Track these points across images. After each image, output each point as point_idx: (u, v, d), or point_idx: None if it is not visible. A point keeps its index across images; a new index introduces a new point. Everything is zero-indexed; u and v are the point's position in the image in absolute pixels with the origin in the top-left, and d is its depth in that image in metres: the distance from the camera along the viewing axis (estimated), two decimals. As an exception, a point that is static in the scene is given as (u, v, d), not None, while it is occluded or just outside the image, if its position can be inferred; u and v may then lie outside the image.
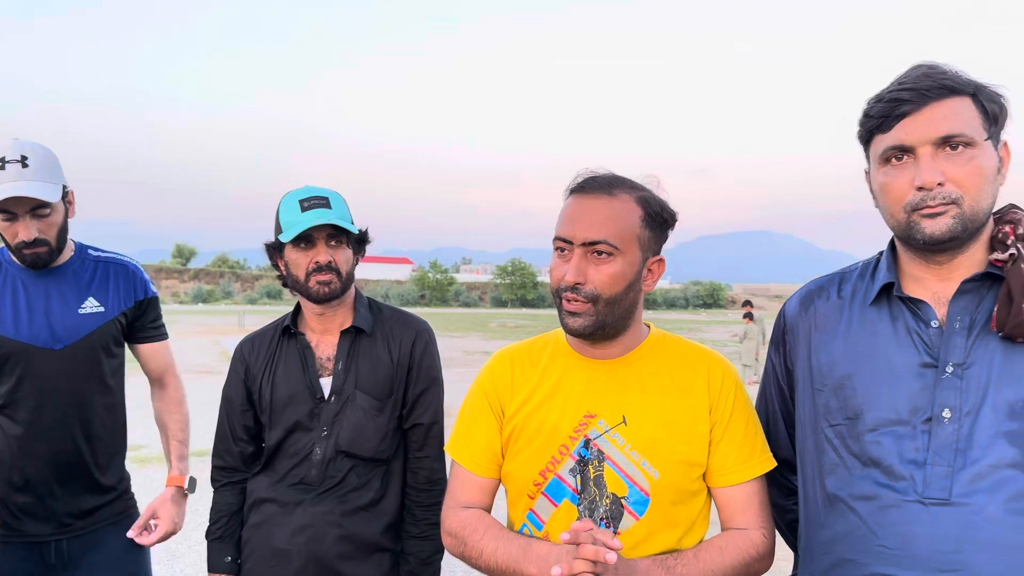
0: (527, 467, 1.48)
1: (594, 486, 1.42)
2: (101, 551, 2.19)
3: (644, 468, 1.41)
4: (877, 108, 1.30)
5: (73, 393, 2.14)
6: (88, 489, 2.18)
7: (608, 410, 1.44)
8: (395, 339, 2.01)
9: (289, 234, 1.87)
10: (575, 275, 1.38)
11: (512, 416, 1.51)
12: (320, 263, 1.88)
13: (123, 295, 2.27)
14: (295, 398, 1.95)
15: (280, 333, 2.03)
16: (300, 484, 1.93)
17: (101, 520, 2.21)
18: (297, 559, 1.90)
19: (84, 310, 2.17)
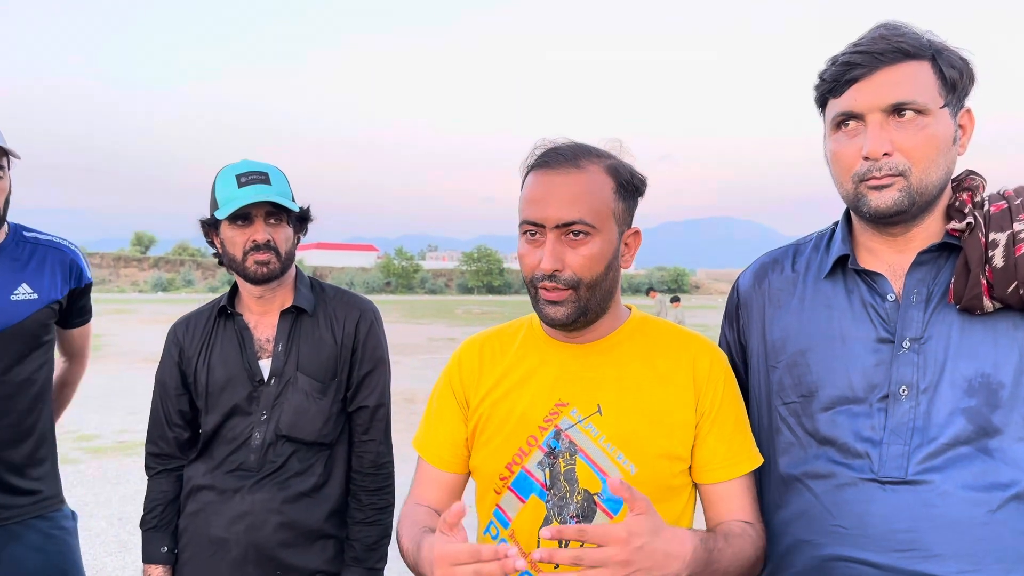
0: (492, 460, 1.35)
1: (564, 481, 1.30)
2: (23, 541, 2.06)
3: (619, 462, 1.28)
4: (830, 71, 1.25)
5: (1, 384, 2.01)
6: (13, 481, 2.04)
7: (582, 398, 1.31)
8: (338, 319, 1.94)
9: (225, 211, 1.77)
10: (552, 262, 1.24)
11: (478, 406, 1.39)
12: (257, 242, 1.80)
13: (59, 282, 2.13)
14: (232, 381, 1.86)
15: (216, 314, 1.94)
16: (238, 470, 1.85)
17: (24, 512, 2.07)
18: (236, 548, 1.82)
19: (16, 296, 2.04)
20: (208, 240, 1.92)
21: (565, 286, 1.25)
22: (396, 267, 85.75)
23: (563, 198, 1.24)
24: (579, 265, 1.25)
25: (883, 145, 1.19)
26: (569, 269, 1.25)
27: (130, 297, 50.67)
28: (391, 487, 1.97)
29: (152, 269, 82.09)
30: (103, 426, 8.56)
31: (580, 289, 1.26)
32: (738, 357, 1.47)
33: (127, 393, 10.65)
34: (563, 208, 1.24)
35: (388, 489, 1.95)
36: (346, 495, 1.93)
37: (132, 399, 10.05)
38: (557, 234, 1.25)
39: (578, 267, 1.25)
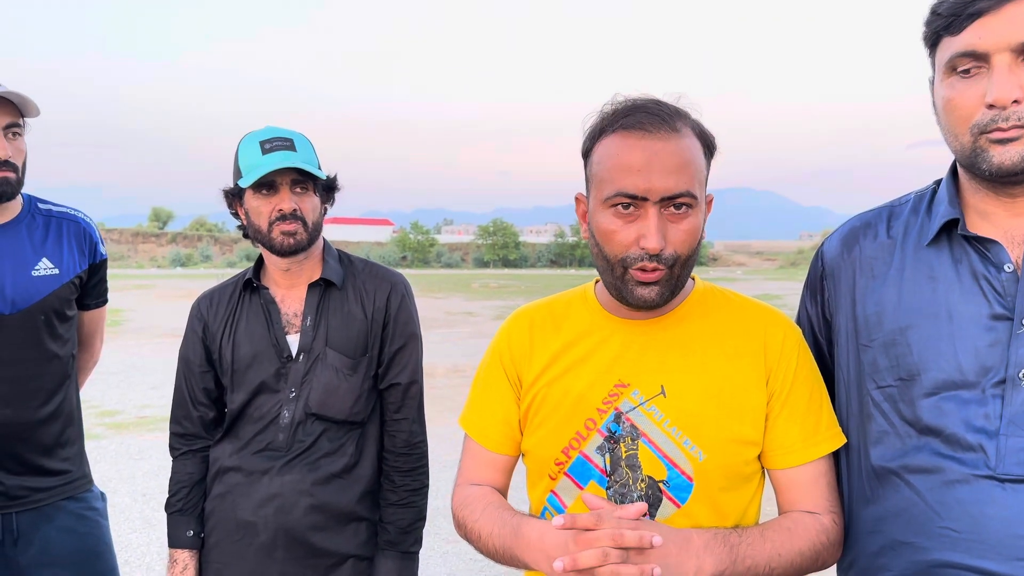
0: (547, 443, 1.26)
1: (626, 467, 1.21)
2: (55, 522, 2.04)
3: (686, 448, 1.19)
4: (948, 3, 1.07)
5: (25, 362, 1.96)
6: (42, 462, 2.02)
7: (644, 379, 1.21)
8: (368, 293, 1.86)
9: (249, 178, 1.69)
10: (658, 240, 1.12)
11: (531, 385, 1.29)
12: (284, 211, 1.72)
13: (77, 256, 2.08)
14: (259, 357, 1.79)
15: (241, 288, 1.86)
16: (266, 451, 1.79)
17: (55, 493, 2.05)
18: (264, 532, 1.76)
19: (38, 272, 1.99)
20: (232, 211, 1.84)
21: (664, 265, 1.14)
22: (412, 241, 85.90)
23: (667, 167, 1.12)
24: (680, 241, 1.15)
25: (1012, 91, 1.03)
26: (671, 246, 1.14)
27: (149, 273, 51.18)
28: (425, 467, 1.89)
29: (170, 245, 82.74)
30: (124, 401, 8.61)
31: (676, 267, 1.16)
32: (821, 333, 1.33)
33: (147, 368, 10.71)
34: (669, 179, 1.12)
35: (422, 469, 1.88)
36: (378, 476, 1.86)
37: (153, 374, 10.12)
38: (660, 207, 1.13)
39: (680, 243, 1.15)
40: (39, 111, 1.92)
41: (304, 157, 1.74)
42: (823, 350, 1.34)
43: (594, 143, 1.20)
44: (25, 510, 2.00)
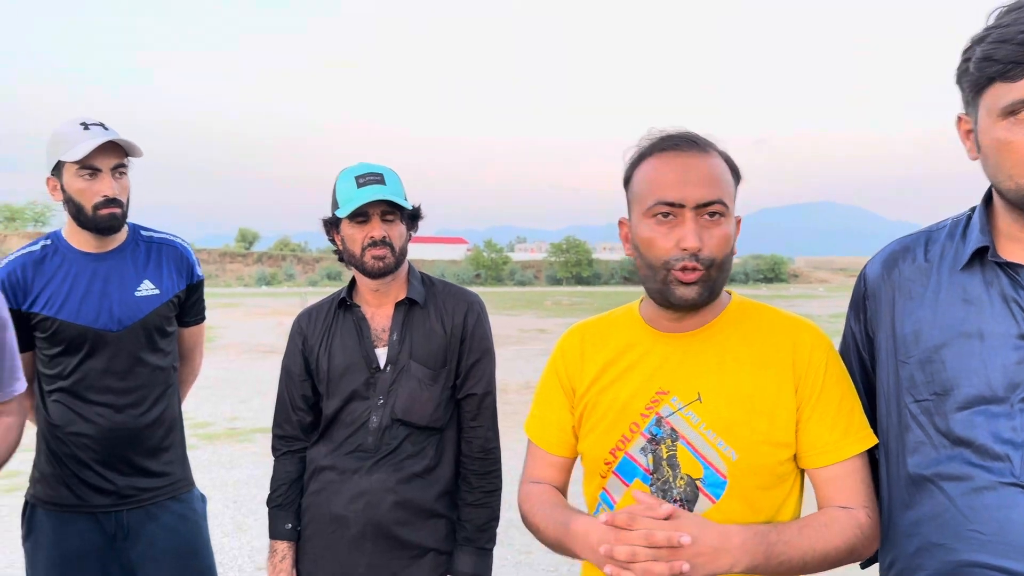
0: (597, 446, 1.42)
1: (667, 466, 1.34)
2: (159, 521, 2.25)
3: (720, 448, 1.31)
4: (1004, 50, 1.12)
5: (131, 374, 2.21)
6: (148, 464, 2.25)
7: (682, 387, 1.35)
8: (448, 311, 2.05)
9: (345, 210, 1.90)
10: (696, 239, 1.26)
11: (583, 394, 1.45)
12: (375, 238, 1.92)
13: (176, 278, 2.32)
14: (351, 368, 1.99)
15: (336, 306, 2.07)
16: (357, 452, 1.98)
17: (159, 493, 2.27)
18: (355, 525, 1.95)
19: (140, 292, 2.23)
20: (330, 238, 2.05)
21: (702, 266, 1.28)
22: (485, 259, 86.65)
23: (701, 179, 1.28)
24: (715, 245, 1.29)
25: None
26: (707, 248, 1.28)
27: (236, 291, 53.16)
28: (499, 471, 2.06)
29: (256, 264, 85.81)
30: (215, 414, 9.06)
31: (712, 269, 1.29)
32: (864, 349, 1.43)
33: (236, 382, 11.22)
34: (702, 188, 1.28)
35: (496, 473, 2.05)
36: (456, 477, 2.04)
37: (241, 388, 10.59)
38: (696, 214, 1.27)
39: (715, 247, 1.29)
40: (142, 152, 2.17)
41: (392, 190, 1.94)
42: (866, 365, 1.43)
43: (633, 170, 1.37)
44: (133, 508, 2.23)
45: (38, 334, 2.15)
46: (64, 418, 2.17)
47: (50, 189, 2.15)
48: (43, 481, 2.21)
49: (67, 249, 2.19)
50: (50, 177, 2.14)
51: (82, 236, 2.18)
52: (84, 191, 2.09)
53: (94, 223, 2.12)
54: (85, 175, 2.08)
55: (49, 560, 2.18)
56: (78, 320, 2.13)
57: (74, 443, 2.16)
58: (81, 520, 2.18)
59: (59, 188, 2.12)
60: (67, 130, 2.09)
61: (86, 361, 2.15)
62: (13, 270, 2.14)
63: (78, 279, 2.16)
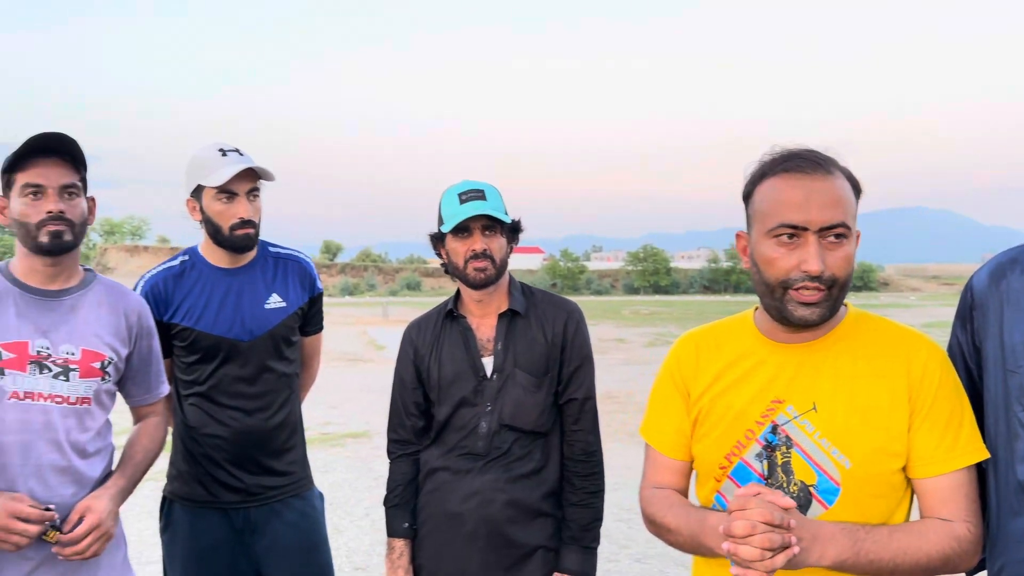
0: (712, 450, 1.47)
1: (781, 472, 1.40)
2: (283, 517, 2.41)
3: (834, 457, 1.35)
4: None
5: (261, 380, 2.37)
6: (273, 464, 2.40)
7: (798, 396, 1.39)
8: (548, 320, 2.15)
9: (449, 225, 2.03)
10: (819, 263, 1.29)
11: (698, 399, 1.51)
12: (476, 251, 2.04)
13: (300, 291, 2.48)
14: (460, 376, 2.11)
15: (443, 317, 2.20)
16: (468, 455, 2.10)
17: (283, 492, 2.42)
18: (469, 522, 2.07)
19: (269, 305, 2.39)
20: (436, 252, 2.18)
21: (824, 286, 1.32)
22: (562, 268, 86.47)
23: (825, 202, 1.31)
24: (838, 266, 1.32)
25: None
26: (829, 270, 1.31)
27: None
28: (600, 473, 2.14)
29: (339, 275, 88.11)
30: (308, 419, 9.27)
31: (834, 289, 1.33)
32: (971, 360, 1.45)
33: (326, 389, 11.54)
34: (826, 212, 1.31)
35: (599, 475, 2.13)
36: (561, 479, 2.13)
37: (331, 394, 10.88)
38: (819, 237, 1.31)
39: (837, 268, 1.32)
40: (274, 177, 2.34)
41: (493, 205, 2.05)
42: (972, 375, 1.45)
43: (755, 186, 1.41)
44: (260, 505, 2.38)
45: (177, 343, 2.34)
46: (199, 420, 2.35)
47: (189, 210, 2.34)
48: (179, 478, 2.40)
49: (203, 265, 2.38)
50: (189, 199, 2.33)
51: (218, 253, 2.36)
52: (222, 213, 2.27)
53: (230, 242, 2.30)
54: (223, 198, 2.25)
55: (184, 552, 2.36)
56: (214, 330, 2.31)
57: (208, 444, 2.34)
58: (213, 515, 2.35)
59: (198, 209, 2.31)
60: (206, 156, 2.27)
61: (220, 368, 2.33)
62: (156, 284, 2.34)
63: (214, 292, 2.34)
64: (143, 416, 2.18)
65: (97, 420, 1.99)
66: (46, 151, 1.86)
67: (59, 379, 1.90)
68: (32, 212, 1.86)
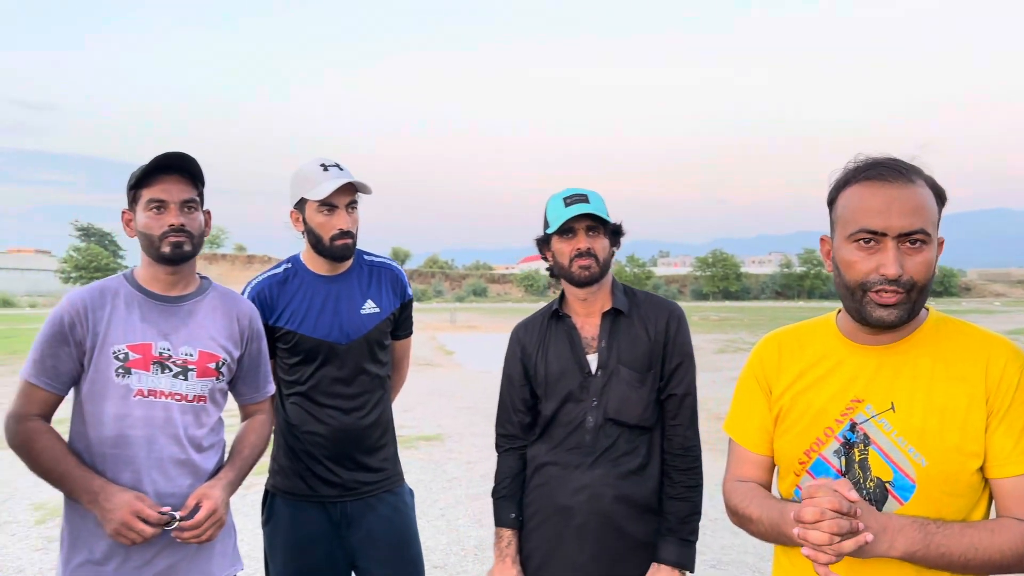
0: (792, 446, 1.54)
1: (858, 468, 1.45)
2: (376, 511, 2.53)
3: (910, 455, 1.40)
4: None
5: (357, 382, 2.50)
6: (367, 461, 2.53)
7: (876, 396, 1.45)
8: (651, 319, 2.22)
9: (555, 226, 2.13)
10: (897, 268, 1.36)
11: (779, 396, 1.57)
12: (580, 249, 2.14)
13: (392, 297, 2.62)
14: (566, 373, 2.20)
15: (549, 317, 2.30)
16: (576, 449, 2.18)
17: (377, 487, 2.54)
18: (579, 516, 2.14)
19: (364, 310, 2.53)
20: (542, 255, 2.28)
21: (903, 289, 1.37)
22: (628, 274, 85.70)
23: (904, 209, 1.37)
24: (916, 271, 1.37)
25: None
26: (908, 274, 1.37)
27: (389, 307, 55.58)
28: (699, 468, 2.21)
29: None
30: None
31: (913, 292, 1.38)
32: None
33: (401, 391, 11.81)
34: (906, 218, 1.36)
35: (697, 470, 2.20)
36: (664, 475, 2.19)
37: (403, 398, 11.06)
38: (897, 242, 1.37)
39: (916, 272, 1.37)
40: (371, 191, 2.48)
41: (595, 207, 2.14)
42: None
43: (839, 192, 1.47)
44: (355, 500, 2.50)
45: (280, 345, 2.48)
46: (300, 418, 2.49)
47: (292, 220, 2.50)
48: (281, 473, 2.54)
49: (305, 272, 2.52)
50: (293, 210, 2.49)
51: (318, 261, 2.50)
52: (323, 224, 2.41)
53: (330, 252, 2.44)
54: (324, 211, 2.40)
55: (286, 543, 2.48)
56: (314, 334, 2.45)
57: (308, 440, 2.48)
58: (312, 508, 2.48)
59: (301, 220, 2.47)
60: (309, 171, 2.42)
61: (320, 369, 2.46)
62: (262, 289, 2.49)
63: (314, 298, 2.48)
64: (251, 414, 2.33)
65: (212, 417, 2.15)
66: (168, 169, 2.03)
67: (178, 378, 2.06)
68: (155, 225, 2.03)
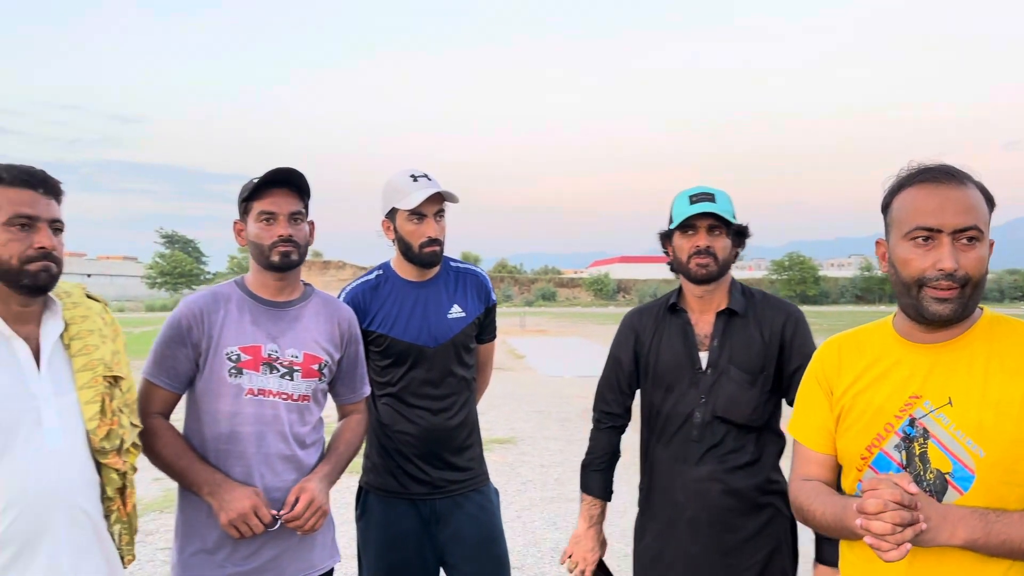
0: (855, 442, 1.61)
1: (919, 461, 1.52)
2: (464, 509, 2.62)
3: (969, 447, 1.47)
4: None
5: (445, 383, 2.59)
6: (455, 460, 2.62)
7: (934, 392, 1.52)
8: (767, 321, 2.26)
9: (677, 222, 2.23)
10: (953, 261, 1.43)
11: (840, 396, 1.65)
12: (700, 247, 2.19)
13: (477, 302, 2.71)
14: (677, 367, 2.28)
15: (665, 309, 2.38)
16: (684, 443, 2.25)
17: (464, 486, 2.64)
18: (690, 509, 2.22)
19: (451, 315, 2.62)
20: (664, 250, 2.36)
21: (958, 284, 1.44)
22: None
23: (958, 208, 1.45)
24: (971, 266, 1.45)
25: None
26: (963, 269, 1.44)
27: (459, 311, 56.03)
28: None
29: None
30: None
31: (967, 287, 1.45)
32: None
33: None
34: (959, 216, 1.45)
35: None
36: (776, 471, 2.27)
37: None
38: (952, 239, 1.45)
39: (970, 267, 1.45)
40: (459, 199, 2.58)
41: (721, 207, 2.19)
42: None
43: (893, 197, 1.56)
44: (444, 498, 2.59)
45: (373, 348, 2.60)
46: (391, 418, 2.59)
47: (384, 229, 2.62)
48: (374, 470, 2.65)
49: (395, 278, 2.63)
50: (384, 219, 2.60)
51: (408, 267, 2.61)
52: (413, 233, 2.52)
53: (419, 259, 2.55)
54: (414, 220, 2.50)
55: (379, 538, 2.59)
56: (405, 337, 2.56)
57: (399, 440, 2.58)
58: (403, 505, 2.58)
59: (392, 229, 2.58)
60: (399, 181, 2.52)
61: (410, 372, 2.56)
62: (356, 295, 2.61)
63: (404, 303, 2.59)
64: (347, 413, 2.46)
65: (314, 415, 2.28)
66: (278, 183, 2.17)
67: (285, 378, 2.20)
68: (265, 235, 2.18)
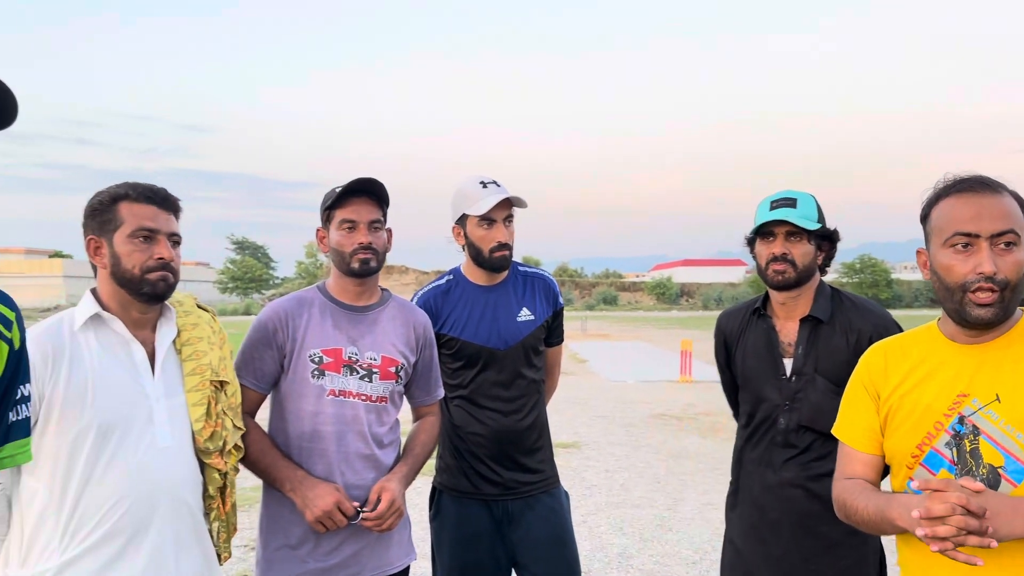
0: (905, 441, 1.66)
1: (970, 457, 1.57)
2: (535, 511, 2.65)
3: (1020, 440, 1.51)
4: None
5: (515, 385, 2.64)
6: (525, 461, 2.66)
7: (981, 390, 1.56)
8: (852, 327, 2.22)
9: (756, 229, 2.23)
10: (992, 265, 1.49)
11: (887, 398, 1.70)
12: (775, 254, 2.19)
13: (545, 306, 2.75)
14: (762, 372, 2.29)
15: (751, 312, 2.38)
16: (769, 447, 2.26)
17: (535, 488, 2.67)
18: (773, 512, 2.24)
19: (520, 318, 2.67)
20: (752, 254, 2.35)
21: (997, 287, 1.49)
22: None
23: (995, 214, 1.52)
24: (1009, 269, 1.50)
25: None
26: (1002, 272, 1.50)
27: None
28: None
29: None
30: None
31: (1006, 291, 1.51)
32: None
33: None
34: (997, 221, 1.51)
35: None
36: None
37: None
38: (990, 243, 1.50)
39: (1009, 271, 1.50)
40: (527, 204, 2.63)
41: (802, 213, 2.18)
42: None
43: (931, 208, 1.63)
44: (515, 499, 2.63)
45: (444, 351, 2.64)
46: (463, 420, 2.65)
47: (455, 235, 2.68)
48: (447, 471, 2.70)
49: (465, 283, 2.69)
50: (455, 225, 2.67)
51: (478, 272, 2.67)
52: (483, 238, 2.57)
53: (489, 263, 2.61)
54: (484, 225, 2.56)
55: (452, 538, 2.64)
56: (475, 340, 2.62)
57: (471, 441, 2.63)
58: (476, 505, 2.63)
59: (462, 234, 2.64)
60: (469, 188, 2.59)
61: (481, 373, 2.62)
62: (428, 300, 2.67)
63: (474, 307, 2.65)
64: (422, 415, 2.52)
65: (391, 416, 2.35)
66: (359, 192, 2.26)
67: (364, 380, 2.27)
68: (347, 242, 2.26)
